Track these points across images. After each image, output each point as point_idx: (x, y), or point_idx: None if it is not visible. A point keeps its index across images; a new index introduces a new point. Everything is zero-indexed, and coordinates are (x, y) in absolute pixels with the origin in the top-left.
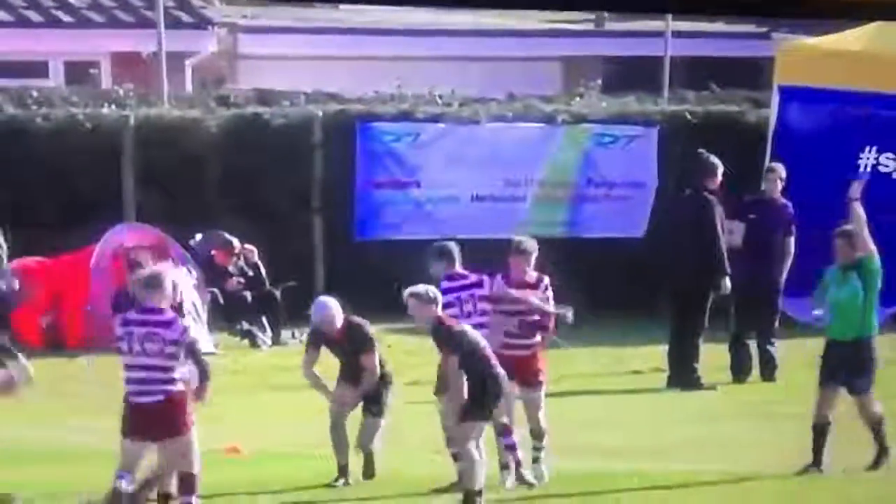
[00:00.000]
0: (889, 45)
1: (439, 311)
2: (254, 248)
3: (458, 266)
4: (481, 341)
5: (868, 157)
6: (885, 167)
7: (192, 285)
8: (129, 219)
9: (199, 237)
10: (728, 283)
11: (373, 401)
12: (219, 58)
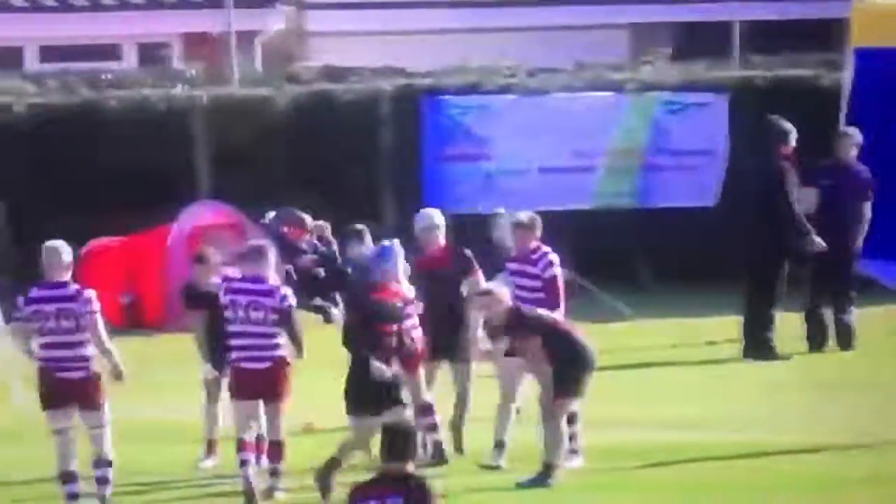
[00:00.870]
0: None
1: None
2: (326, 224)
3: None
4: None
5: None
6: None
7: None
8: (202, 197)
9: (271, 214)
10: (817, 238)
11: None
12: (287, 35)
